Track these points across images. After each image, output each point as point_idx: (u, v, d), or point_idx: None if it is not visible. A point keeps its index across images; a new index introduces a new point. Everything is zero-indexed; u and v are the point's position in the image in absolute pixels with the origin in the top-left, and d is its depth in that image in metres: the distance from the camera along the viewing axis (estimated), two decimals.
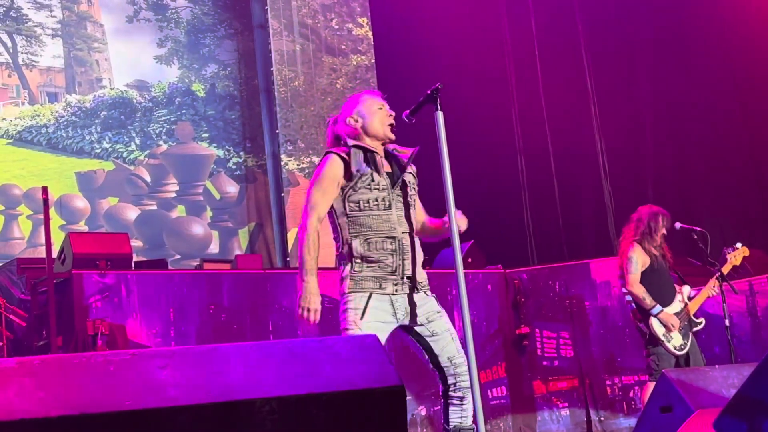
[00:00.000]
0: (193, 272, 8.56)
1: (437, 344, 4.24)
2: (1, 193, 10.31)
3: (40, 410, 2.57)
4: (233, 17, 12.21)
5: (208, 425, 2.76)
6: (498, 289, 9.10)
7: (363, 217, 4.22)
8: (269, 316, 8.07)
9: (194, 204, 11.51)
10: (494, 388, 8.84)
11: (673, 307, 6.66)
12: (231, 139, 11.92)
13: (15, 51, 10.80)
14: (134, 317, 7.53)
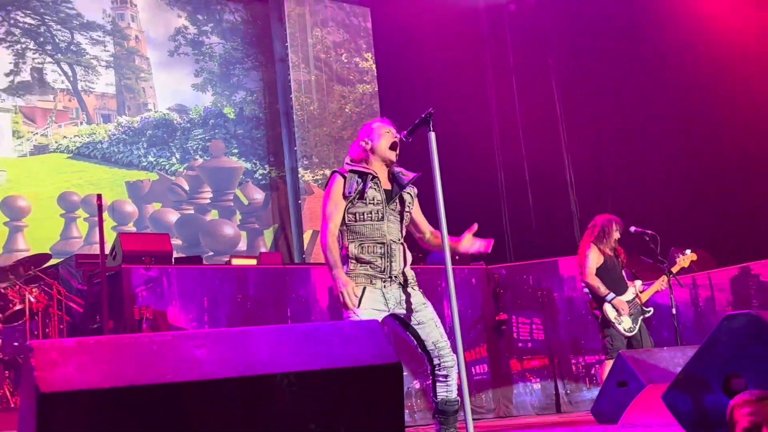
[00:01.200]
0: (223, 267, 8.55)
1: (423, 331, 4.28)
2: (63, 200, 10.31)
3: (95, 382, 2.57)
4: (258, 52, 12.21)
5: (236, 395, 2.76)
6: (481, 282, 9.11)
7: (358, 226, 4.30)
8: (288, 304, 8.08)
9: (226, 209, 11.51)
10: (477, 365, 8.84)
11: (625, 297, 6.72)
12: (257, 154, 11.91)
13: (75, 79, 10.79)
14: (174, 305, 7.55)
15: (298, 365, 2.89)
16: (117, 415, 2.57)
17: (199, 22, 11.84)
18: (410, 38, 11.86)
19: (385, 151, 4.38)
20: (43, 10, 10.63)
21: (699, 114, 10.04)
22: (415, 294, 4.33)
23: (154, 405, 2.64)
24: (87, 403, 2.54)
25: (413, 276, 4.42)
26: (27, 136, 10.31)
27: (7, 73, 10.27)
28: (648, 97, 10.71)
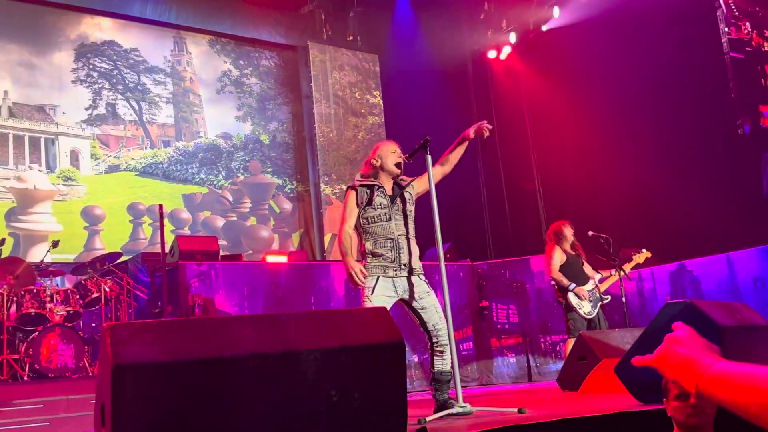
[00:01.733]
0: (260, 263, 8.56)
1: (425, 315, 4.28)
2: (131, 209, 10.32)
3: (158, 356, 2.56)
4: (288, 90, 12.24)
5: (272, 367, 2.75)
6: (467, 276, 9.10)
7: (371, 227, 4.33)
8: (312, 293, 8.09)
9: (262, 216, 11.52)
10: (464, 343, 8.82)
11: (586, 287, 6.69)
12: (287, 173, 11.93)
13: (141, 112, 10.81)
14: (220, 294, 7.54)
15: (321, 343, 2.88)
16: (175, 383, 2.56)
17: (240, 66, 11.86)
18: (410, 79, 11.88)
19: (392, 167, 4.43)
20: (116, 57, 10.66)
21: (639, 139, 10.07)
22: (420, 283, 4.32)
23: (206, 375, 2.64)
24: (151, 373, 2.54)
25: (420, 266, 4.40)
26: (102, 158, 10.33)
27: (87, 107, 10.30)
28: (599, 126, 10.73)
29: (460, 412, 3.97)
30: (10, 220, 9.35)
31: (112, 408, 2.40)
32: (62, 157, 9.96)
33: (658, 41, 9.74)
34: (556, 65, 11.42)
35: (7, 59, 9.77)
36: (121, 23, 10.71)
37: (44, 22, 10.12)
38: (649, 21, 9.81)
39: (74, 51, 10.29)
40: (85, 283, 7.25)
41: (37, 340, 6.47)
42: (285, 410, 2.73)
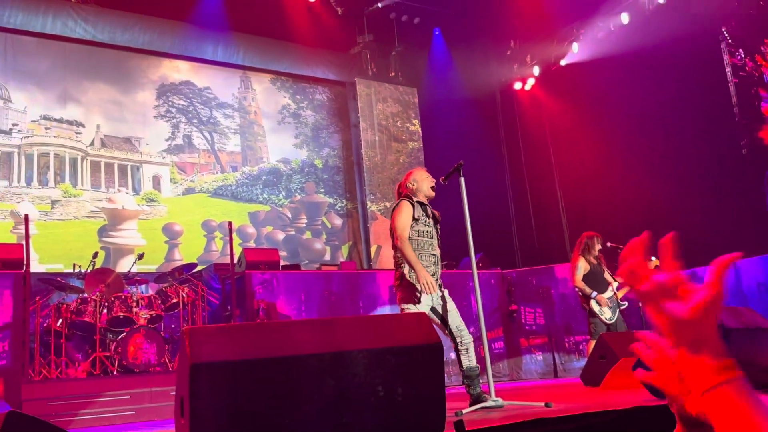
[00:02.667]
0: (315, 272, 8.59)
1: (450, 317, 4.25)
2: (205, 225, 10.45)
3: (230, 356, 2.60)
4: (338, 120, 12.31)
5: (326, 365, 2.77)
6: (497, 282, 9.01)
7: (419, 241, 4.29)
8: (360, 298, 8.07)
9: (316, 230, 11.56)
10: (496, 342, 8.73)
11: (606, 294, 6.55)
12: (337, 192, 11.97)
13: (213, 142, 10.99)
14: (281, 299, 7.57)
15: (369, 344, 2.89)
16: (244, 379, 2.60)
17: (297, 100, 11.98)
18: (445, 108, 11.88)
19: (428, 190, 4.41)
20: (191, 95, 10.87)
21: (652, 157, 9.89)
22: (444, 292, 4.35)
23: (270, 372, 2.66)
24: (224, 370, 2.58)
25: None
26: (180, 182, 10.50)
27: (167, 138, 10.50)
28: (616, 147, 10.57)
29: (493, 405, 3.94)
30: (102, 236, 9.55)
31: (190, 401, 2.45)
32: (146, 182, 10.17)
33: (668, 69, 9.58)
34: (575, 93, 11.31)
35: (100, 97, 10.04)
36: (196, 65, 10.92)
37: (130, 65, 10.38)
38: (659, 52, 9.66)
39: (156, 90, 10.52)
40: (166, 290, 7.27)
41: (125, 340, 6.53)
42: (337, 403, 2.74)
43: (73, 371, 6.62)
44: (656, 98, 9.85)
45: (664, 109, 9.71)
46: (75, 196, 9.50)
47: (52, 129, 9.56)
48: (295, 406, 2.65)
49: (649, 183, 9.95)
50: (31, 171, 9.28)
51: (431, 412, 2.86)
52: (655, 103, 9.84)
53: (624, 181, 10.40)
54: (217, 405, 2.51)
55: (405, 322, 3.06)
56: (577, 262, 6.65)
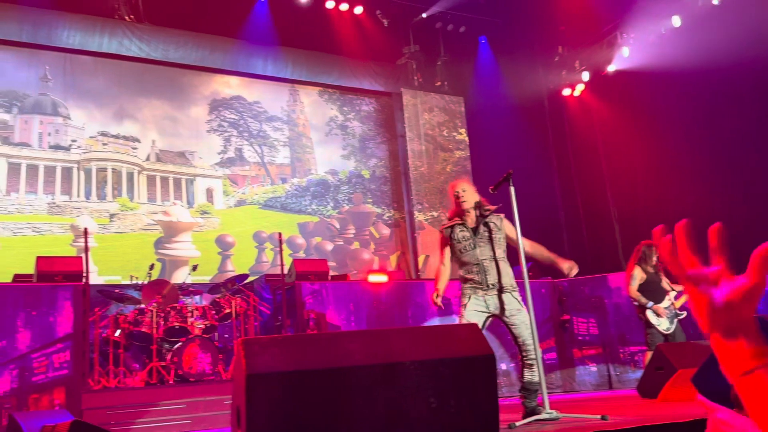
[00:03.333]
0: (363, 282, 8.61)
1: (516, 330, 4.21)
2: (256, 236, 10.59)
3: (283, 366, 2.63)
4: (385, 131, 12.35)
5: (379, 377, 2.77)
6: (548, 292, 8.89)
7: (462, 256, 4.35)
8: (408, 308, 8.06)
9: (364, 241, 11.60)
10: (548, 353, 8.58)
11: (662, 304, 6.37)
12: (385, 202, 12.00)
13: (263, 155, 11.16)
14: (330, 309, 7.60)
15: (421, 355, 2.88)
16: (299, 390, 2.62)
17: (345, 112, 12.08)
18: (492, 116, 11.80)
19: (455, 205, 4.54)
20: (242, 109, 11.08)
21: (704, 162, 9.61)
22: (512, 301, 4.26)
23: (323, 383, 2.68)
24: (277, 380, 2.61)
25: (511, 284, 4.33)
26: (232, 194, 10.68)
27: (219, 152, 10.71)
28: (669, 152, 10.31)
29: (547, 417, 3.87)
30: (158, 248, 9.79)
31: (247, 411, 2.49)
32: (199, 194, 10.39)
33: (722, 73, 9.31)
34: (626, 98, 11.09)
35: (154, 114, 10.33)
36: (246, 80, 11.14)
37: (183, 81, 10.65)
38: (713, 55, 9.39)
39: (208, 105, 10.76)
40: (219, 301, 7.37)
41: (180, 350, 6.65)
42: (390, 415, 2.74)
43: (130, 380, 6.78)
44: (710, 103, 9.58)
45: (718, 114, 9.43)
46: (132, 210, 9.78)
47: (109, 144, 9.87)
48: (348, 417, 2.66)
49: (704, 190, 9.67)
50: (89, 185, 9.59)
51: (485, 424, 2.83)
52: (710, 109, 9.57)
53: (679, 188, 10.13)
54: (272, 415, 2.54)
55: (457, 333, 3.05)
56: (632, 271, 6.48)
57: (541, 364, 4.09)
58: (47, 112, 9.59)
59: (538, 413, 3.95)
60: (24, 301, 6.11)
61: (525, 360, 4.19)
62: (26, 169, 9.26)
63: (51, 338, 6.12)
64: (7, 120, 9.31)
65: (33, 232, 9.06)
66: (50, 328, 6.15)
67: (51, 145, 9.52)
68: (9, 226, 8.92)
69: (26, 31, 9.32)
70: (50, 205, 9.26)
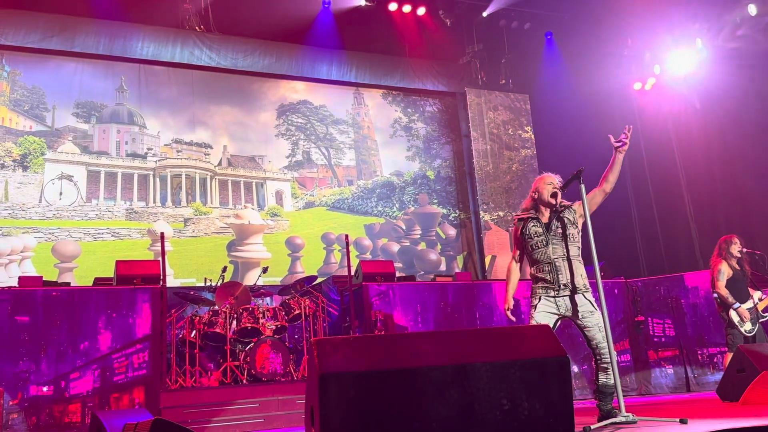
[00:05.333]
0: (430, 283, 8.55)
1: (589, 333, 4.09)
2: (324, 238, 10.73)
3: (355, 366, 2.66)
4: (450, 131, 12.30)
5: (449, 377, 2.76)
6: (621, 292, 8.62)
7: (533, 254, 4.24)
8: (476, 309, 7.96)
9: (430, 241, 11.58)
10: (622, 355, 8.33)
11: (746, 305, 6.09)
12: (450, 203, 11.95)
13: (329, 157, 11.31)
14: (397, 310, 7.58)
15: (492, 357, 2.86)
16: (370, 390, 2.64)
17: (409, 113, 12.10)
18: (558, 114, 11.56)
19: (547, 198, 4.30)
20: (309, 113, 11.27)
21: None
22: (584, 302, 4.09)
23: (395, 383, 2.69)
24: (350, 380, 2.64)
25: (584, 285, 4.15)
26: (300, 197, 10.87)
27: (287, 155, 10.93)
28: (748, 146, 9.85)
29: (624, 421, 3.77)
30: (231, 251, 10.06)
31: (320, 410, 2.52)
32: (269, 197, 10.62)
33: None
34: (700, 92, 10.67)
35: (225, 120, 10.63)
36: (312, 85, 11.31)
37: (251, 88, 10.91)
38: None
39: (276, 110, 10.99)
40: (289, 302, 7.48)
41: (253, 350, 6.80)
42: (462, 416, 2.72)
43: (206, 380, 6.98)
44: None
45: None
46: (205, 214, 10.08)
47: (182, 152, 10.22)
48: (420, 417, 2.67)
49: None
50: (165, 191, 9.95)
51: (559, 427, 2.78)
52: None
53: (759, 180, 9.68)
54: (345, 414, 2.57)
55: (528, 335, 3.00)
56: (720, 265, 6.19)
57: (616, 367, 3.98)
58: (124, 121, 10.01)
59: (614, 416, 3.85)
60: (105, 303, 6.37)
61: (600, 363, 4.08)
62: (105, 177, 9.68)
63: (130, 339, 6.36)
64: (87, 129, 9.76)
65: (112, 237, 9.46)
66: (129, 329, 6.40)
67: (128, 153, 9.92)
68: (90, 232, 9.34)
69: (103, 44, 9.76)
70: (128, 211, 9.65)
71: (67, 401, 5.96)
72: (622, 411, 3.81)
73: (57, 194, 9.31)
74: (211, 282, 7.78)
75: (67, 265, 9.01)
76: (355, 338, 2.82)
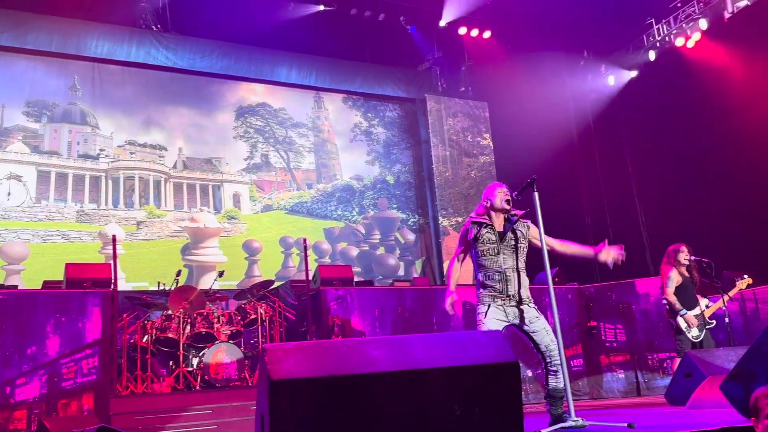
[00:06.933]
0: (388, 288, 8.57)
1: (537, 337, 4.15)
2: (282, 242, 10.66)
3: (307, 373, 2.64)
4: (409, 136, 12.36)
5: (401, 384, 2.76)
6: (575, 298, 8.78)
7: (481, 259, 4.28)
8: (433, 314, 7.99)
9: (389, 246, 11.61)
10: (574, 360, 8.48)
11: (694, 312, 6.25)
12: (410, 208, 12.00)
13: (288, 161, 11.25)
14: (355, 315, 7.57)
15: (444, 362, 2.87)
16: (323, 396, 2.63)
17: (369, 118, 12.13)
18: (516, 122, 11.72)
19: (501, 205, 4.34)
20: (268, 116, 11.19)
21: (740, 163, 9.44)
22: (529, 310, 4.18)
23: (347, 390, 2.68)
24: (302, 387, 2.61)
25: (528, 297, 4.24)
26: (258, 200, 10.78)
27: (246, 158, 10.83)
28: (698, 156, 10.17)
29: (573, 425, 3.83)
30: (185, 254, 9.91)
31: (271, 418, 2.50)
32: (226, 200, 10.51)
33: None
34: (653, 101, 10.97)
35: (181, 121, 10.47)
36: (271, 88, 11.24)
37: (209, 90, 10.78)
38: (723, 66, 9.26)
39: (234, 112, 10.89)
40: (245, 307, 7.39)
41: (207, 355, 6.68)
42: (415, 422, 2.73)
43: (158, 386, 6.84)
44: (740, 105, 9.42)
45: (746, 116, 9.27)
46: (159, 217, 9.91)
47: (136, 153, 10.03)
48: (372, 424, 2.66)
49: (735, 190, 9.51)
50: (117, 194, 9.75)
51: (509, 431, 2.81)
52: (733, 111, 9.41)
53: (708, 189, 9.98)
54: (296, 422, 2.54)
55: (480, 340, 3.03)
56: (669, 272, 6.31)
57: (566, 371, 4.04)
58: (76, 121, 9.78)
59: (564, 420, 3.90)
60: (53, 307, 6.21)
61: (549, 366, 4.13)
62: (55, 178, 9.44)
63: (80, 344, 6.21)
64: (37, 129, 9.50)
65: (62, 239, 9.23)
66: (79, 333, 6.24)
67: (80, 154, 9.69)
68: (39, 233, 9.10)
69: (56, 41, 9.52)
70: (79, 213, 9.43)
71: (12, 408, 5.78)
72: (572, 415, 3.87)
73: (5, 194, 9.04)
74: (164, 286, 7.64)
75: (14, 268, 8.76)
76: (307, 344, 2.81)
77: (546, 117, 11.77)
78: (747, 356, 3.69)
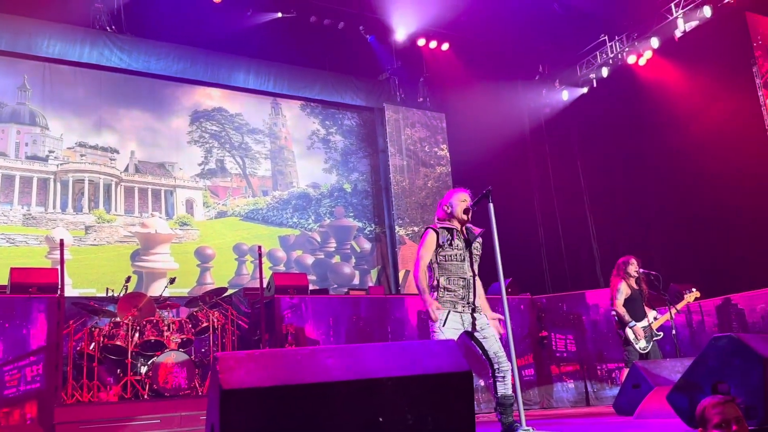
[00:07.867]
0: (343, 296, 8.57)
1: (487, 344, 4.19)
2: (236, 249, 10.54)
3: (259, 382, 2.61)
4: (367, 145, 12.39)
5: (355, 393, 2.76)
6: (527, 308, 8.90)
7: (447, 264, 4.24)
8: (388, 323, 8.00)
9: (345, 254, 11.59)
10: (526, 369, 8.59)
11: (642, 324, 6.40)
12: (366, 216, 12.01)
13: (244, 167, 11.14)
14: (309, 323, 7.53)
15: (397, 371, 2.87)
16: (275, 406, 2.60)
17: (327, 126, 12.11)
18: (473, 133, 11.84)
19: (460, 214, 4.36)
20: (224, 121, 11.07)
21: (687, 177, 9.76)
22: (481, 318, 4.23)
23: (299, 398, 2.67)
24: (254, 396, 2.59)
25: (481, 305, 4.30)
26: (212, 206, 10.64)
27: (200, 163, 10.68)
28: (648, 170, 10.47)
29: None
30: (135, 260, 9.70)
31: (221, 428, 2.46)
32: (179, 206, 10.34)
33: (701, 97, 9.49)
34: (605, 116, 11.24)
35: (134, 124, 10.27)
36: (228, 93, 11.13)
37: (163, 93, 10.61)
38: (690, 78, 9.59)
39: (189, 116, 10.73)
40: (196, 314, 7.31)
41: (156, 364, 6.58)
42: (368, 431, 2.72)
43: (104, 395, 6.69)
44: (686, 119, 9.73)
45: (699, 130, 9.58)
46: (108, 222, 9.68)
47: (87, 156, 9.79)
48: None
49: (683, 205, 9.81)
50: (66, 197, 9.49)
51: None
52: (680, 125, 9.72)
53: (657, 203, 10.28)
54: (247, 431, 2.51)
55: (433, 350, 3.04)
56: (619, 284, 6.42)
57: (517, 379, 4.09)
58: (24, 121, 9.50)
59: (515, 429, 3.95)
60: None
61: (497, 373, 4.16)
62: (1, 179, 9.14)
63: (24, 351, 6.02)
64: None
65: (7, 243, 8.93)
66: (23, 340, 6.05)
67: (28, 156, 9.42)
68: None
69: (5, 39, 9.24)
70: (25, 217, 9.15)
71: None
72: (523, 424, 3.92)
73: None
74: (113, 293, 7.47)
75: None
76: (259, 353, 2.78)
77: (502, 129, 11.95)
78: (692, 368, 3.80)
